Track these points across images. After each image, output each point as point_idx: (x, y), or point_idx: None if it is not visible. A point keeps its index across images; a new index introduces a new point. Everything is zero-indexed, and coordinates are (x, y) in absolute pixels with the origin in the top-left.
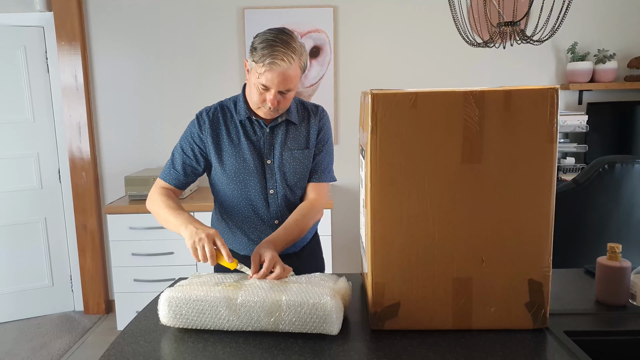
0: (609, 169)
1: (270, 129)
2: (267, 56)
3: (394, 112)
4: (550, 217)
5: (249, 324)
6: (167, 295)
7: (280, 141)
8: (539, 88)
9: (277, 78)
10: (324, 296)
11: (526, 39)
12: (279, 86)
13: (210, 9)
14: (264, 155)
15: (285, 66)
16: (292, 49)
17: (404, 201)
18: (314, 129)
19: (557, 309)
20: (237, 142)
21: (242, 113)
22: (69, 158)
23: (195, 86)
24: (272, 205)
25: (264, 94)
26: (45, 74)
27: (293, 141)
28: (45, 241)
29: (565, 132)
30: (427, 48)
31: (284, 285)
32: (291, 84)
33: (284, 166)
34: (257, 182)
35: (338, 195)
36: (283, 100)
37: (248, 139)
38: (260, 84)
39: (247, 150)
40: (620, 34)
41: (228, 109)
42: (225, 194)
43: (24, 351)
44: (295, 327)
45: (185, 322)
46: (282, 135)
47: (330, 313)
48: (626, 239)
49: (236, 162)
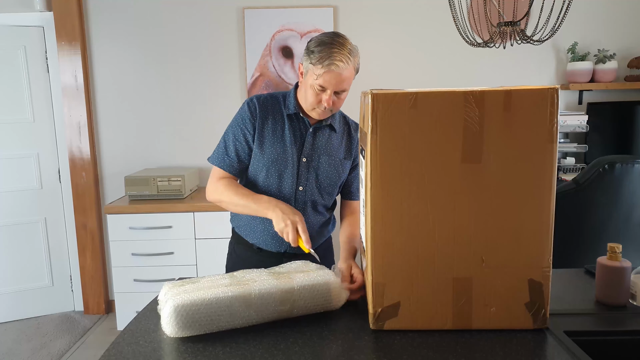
0: (609, 169)
1: (313, 129)
2: (325, 58)
3: (394, 112)
4: (550, 217)
5: (265, 315)
6: (174, 306)
7: (321, 144)
8: (539, 88)
9: (335, 79)
10: (327, 275)
11: (526, 39)
12: (335, 87)
13: (210, 9)
14: (302, 152)
15: (343, 66)
16: (349, 51)
17: (404, 201)
18: (354, 143)
19: (557, 309)
20: (280, 133)
21: (291, 107)
22: (69, 158)
23: (195, 86)
24: (299, 202)
25: (320, 95)
26: (45, 74)
27: (334, 148)
28: (45, 241)
29: (565, 132)
30: (427, 48)
31: (286, 275)
32: (346, 85)
33: (318, 168)
34: (291, 176)
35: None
36: (337, 101)
37: (292, 133)
38: (318, 85)
39: (288, 143)
40: (620, 34)
41: (277, 100)
42: (258, 180)
43: (24, 351)
44: (308, 309)
45: (199, 329)
46: (325, 138)
47: (334, 289)
48: (626, 239)
49: (276, 152)
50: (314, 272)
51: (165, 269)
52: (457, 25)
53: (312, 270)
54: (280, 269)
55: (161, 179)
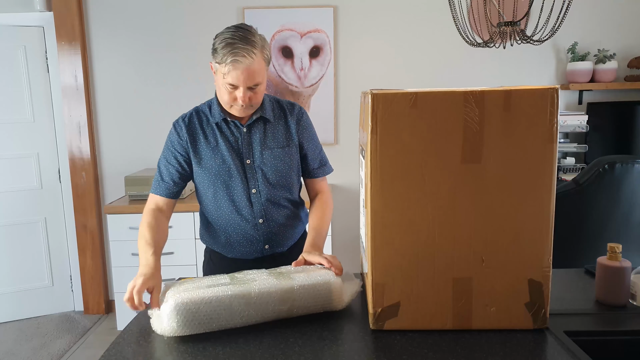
0: (609, 169)
1: (247, 127)
2: (228, 55)
3: (394, 112)
4: (550, 217)
5: (265, 314)
6: (174, 304)
7: (259, 140)
8: (539, 88)
9: (243, 75)
10: (327, 275)
11: (526, 39)
12: (246, 82)
13: (210, 9)
14: (243, 155)
15: (248, 62)
16: (252, 44)
17: (404, 201)
18: (292, 126)
19: (557, 309)
20: (214, 144)
21: (216, 115)
22: (69, 158)
23: (195, 86)
24: (256, 205)
25: (234, 93)
26: (45, 74)
27: (272, 140)
28: (45, 241)
29: (565, 132)
30: (427, 48)
31: (287, 274)
32: (258, 78)
33: (264, 165)
34: (239, 183)
35: (338, 195)
36: (254, 96)
37: (226, 140)
38: (228, 84)
39: (225, 151)
40: (620, 34)
41: (203, 113)
42: (207, 197)
43: (24, 351)
44: (309, 309)
45: (199, 327)
46: (261, 134)
47: (335, 289)
48: (626, 239)
49: (216, 164)
50: (314, 271)
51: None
52: (457, 25)
53: (313, 270)
54: (281, 270)
55: None
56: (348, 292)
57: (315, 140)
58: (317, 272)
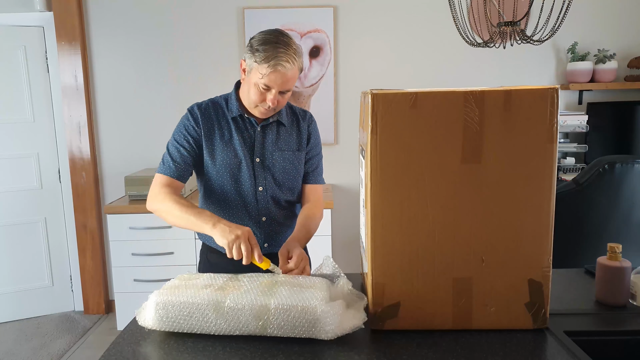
0: (609, 169)
1: (261, 127)
2: (271, 58)
3: (394, 112)
4: (550, 217)
5: (236, 327)
6: (155, 300)
7: (271, 141)
8: (539, 88)
9: (281, 79)
10: (314, 300)
11: (526, 39)
12: (281, 87)
13: (210, 9)
14: (254, 153)
15: (289, 68)
16: (294, 51)
17: (404, 201)
18: (304, 133)
19: (557, 309)
20: (228, 137)
21: (234, 110)
22: (69, 158)
23: (195, 86)
24: (261, 202)
25: (265, 94)
26: (45, 74)
27: (284, 142)
28: (45, 241)
29: (565, 132)
30: (427, 48)
31: (275, 288)
32: (291, 85)
33: (274, 165)
34: (248, 179)
35: (338, 195)
36: (282, 100)
37: (240, 136)
38: (263, 84)
39: (238, 146)
40: (620, 34)
41: (219, 105)
42: (216, 187)
43: (24, 351)
44: (284, 331)
45: (172, 326)
46: (274, 135)
47: (320, 317)
48: (626, 239)
49: (227, 157)
50: (307, 290)
51: (165, 269)
52: (457, 25)
53: (308, 287)
54: (279, 278)
55: None
56: (343, 324)
57: (319, 149)
58: (304, 293)
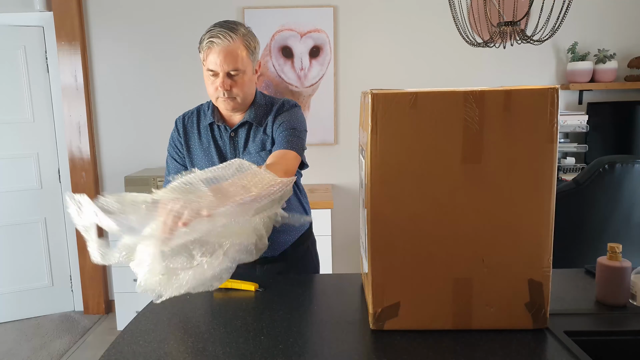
0: (609, 169)
1: (233, 132)
2: (204, 39)
3: (394, 112)
4: (550, 217)
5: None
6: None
7: (242, 145)
8: (539, 88)
9: (219, 57)
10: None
11: (526, 39)
12: (223, 66)
13: (210, 9)
14: (228, 159)
15: (223, 43)
16: (231, 28)
17: (404, 201)
18: (269, 125)
19: (557, 309)
20: (207, 145)
21: (208, 117)
22: (69, 158)
23: (195, 86)
24: None
25: (215, 82)
26: (45, 74)
27: (253, 144)
28: (45, 241)
29: (565, 132)
30: (427, 48)
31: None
32: (237, 63)
33: None
34: None
35: (338, 195)
36: (235, 85)
37: (215, 143)
38: (208, 71)
39: (214, 154)
40: (620, 34)
41: (203, 112)
42: None
43: (24, 351)
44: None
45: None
46: (244, 139)
47: None
48: (626, 239)
49: (205, 165)
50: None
51: None
52: (457, 25)
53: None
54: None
55: (161, 179)
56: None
57: (286, 124)
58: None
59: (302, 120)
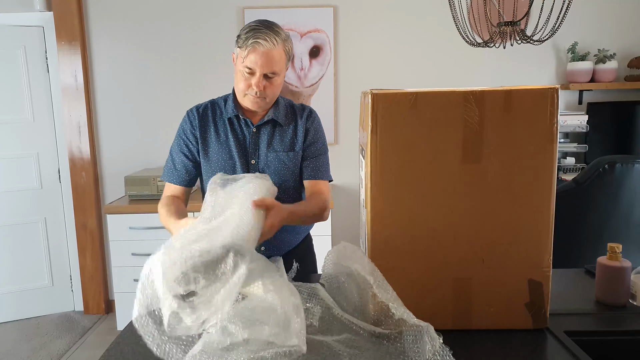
0: (609, 169)
1: (256, 128)
2: (250, 38)
3: (394, 112)
4: (550, 217)
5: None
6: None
7: (265, 142)
8: (539, 88)
9: (261, 59)
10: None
11: (526, 39)
12: (263, 68)
13: (210, 9)
14: (249, 154)
15: (268, 46)
16: (275, 32)
17: (404, 201)
18: (300, 130)
19: (557, 309)
20: (224, 139)
21: (230, 110)
22: (69, 158)
23: (195, 86)
24: None
25: (249, 79)
26: (45, 74)
27: (279, 143)
28: (45, 241)
29: (565, 132)
30: (427, 48)
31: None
32: (276, 67)
33: (267, 167)
34: None
35: (338, 195)
36: (269, 86)
37: (235, 137)
38: (245, 68)
39: (233, 148)
40: (620, 34)
41: (218, 106)
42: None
43: (24, 351)
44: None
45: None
46: (268, 136)
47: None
48: (626, 239)
49: (222, 158)
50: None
51: None
52: (457, 25)
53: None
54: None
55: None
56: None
57: (319, 145)
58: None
59: (325, 136)
